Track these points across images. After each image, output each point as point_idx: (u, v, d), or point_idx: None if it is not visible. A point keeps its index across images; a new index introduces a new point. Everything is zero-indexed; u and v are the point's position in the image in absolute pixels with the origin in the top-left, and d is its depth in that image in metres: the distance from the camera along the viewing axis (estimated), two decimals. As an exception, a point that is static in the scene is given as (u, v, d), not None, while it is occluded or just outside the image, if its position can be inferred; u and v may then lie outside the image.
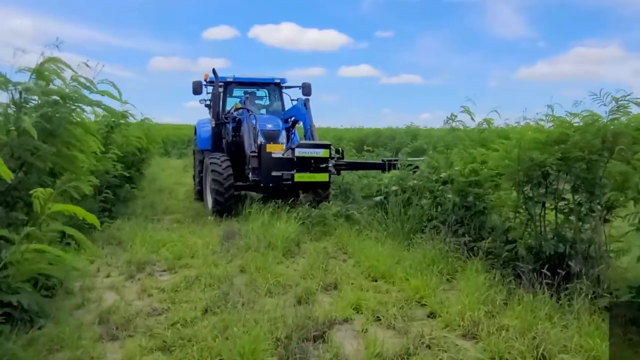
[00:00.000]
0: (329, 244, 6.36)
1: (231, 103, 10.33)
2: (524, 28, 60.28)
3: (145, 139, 9.48)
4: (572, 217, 4.46)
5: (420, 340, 3.45)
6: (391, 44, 62.40)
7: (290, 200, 7.83)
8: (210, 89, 10.16)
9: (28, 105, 3.04)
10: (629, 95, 3.94)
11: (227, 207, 7.97)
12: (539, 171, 4.54)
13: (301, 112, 9.06)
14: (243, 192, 9.69)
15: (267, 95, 11.01)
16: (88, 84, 3.95)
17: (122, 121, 8.06)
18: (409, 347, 3.32)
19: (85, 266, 5.03)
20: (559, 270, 4.09)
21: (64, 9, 60.96)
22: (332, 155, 7.88)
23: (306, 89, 10.43)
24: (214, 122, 9.60)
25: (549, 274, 3.94)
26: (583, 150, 4.12)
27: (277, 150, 7.76)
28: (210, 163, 8.21)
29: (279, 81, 10.68)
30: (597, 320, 3.56)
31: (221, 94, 10.07)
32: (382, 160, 8.68)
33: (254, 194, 9.75)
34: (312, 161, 7.57)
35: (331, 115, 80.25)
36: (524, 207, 4.74)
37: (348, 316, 3.96)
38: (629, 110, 4.00)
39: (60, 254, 2.46)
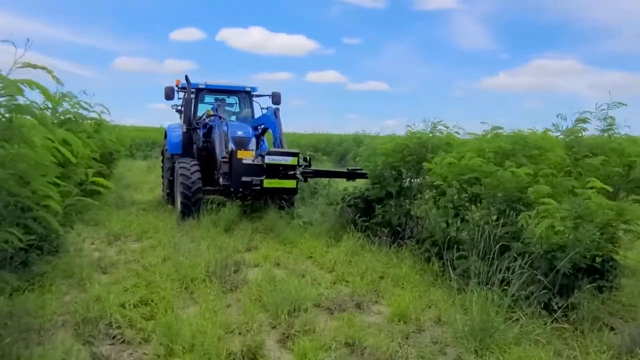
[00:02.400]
0: (260, 224, 8.42)
1: (202, 109, 10.61)
2: (486, 40, 63.29)
3: (116, 142, 11.27)
4: (414, 200, 6.69)
5: (298, 272, 5.58)
6: (358, 50, 64.40)
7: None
8: (182, 94, 10.67)
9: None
10: (441, 121, 6.21)
11: (195, 210, 8.42)
12: (393, 170, 6.75)
13: (271, 120, 9.40)
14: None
15: (238, 102, 11.34)
16: (86, 106, 6.02)
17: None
18: (290, 275, 5.44)
19: (74, 236, 6.96)
20: (399, 230, 6.33)
21: (24, 5, 60.63)
22: (300, 163, 8.18)
23: (276, 97, 10.75)
24: (185, 128, 10.13)
25: (386, 231, 6.18)
26: (414, 155, 6.35)
27: (247, 156, 8.16)
28: (180, 168, 8.65)
29: (249, 89, 11.05)
30: (408, 261, 5.77)
31: (192, 100, 10.45)
32: (347, 170, 9.05)
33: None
34: (281, 168, 7.89)
35: (297, 120, 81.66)
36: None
37: (259, 263, 6.07)
38: (442, 129, 6.27)
39: (90, 201, 4.50)
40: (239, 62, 59.54)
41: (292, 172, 7.95)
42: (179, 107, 10.94)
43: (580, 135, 5.37)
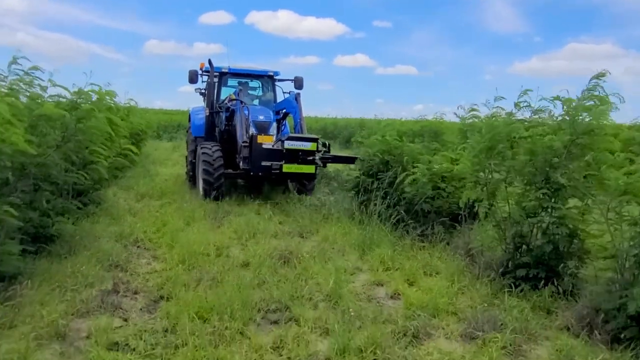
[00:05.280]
0: (255, 189, 10.62)
1: (226, 93, 10.83)
2: (519, 23, 62.20)
3: (144, 124, 13.64)
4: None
5: (269, 217, 7.79)
6: (388, 34, 64.04)
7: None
8: (205, 78, 10.67)
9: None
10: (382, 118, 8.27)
11: (217, 193, 8.77)
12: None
13: (292, 105, 9.58)
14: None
15: (261, 86, 11.53)
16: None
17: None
18: (262, 218, 7.65)
19: (111, 195, 9.33)
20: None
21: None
22: (319, 149, 8.29)
23: (298, 82, 10.87)
24: (208, 111, 10.23)
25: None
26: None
27: (267, 141, 8.34)
28: (202, 151, 8.90)
29: (272, 74, 11.17)
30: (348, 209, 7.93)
31: (216, 83, 10.57)
32: None
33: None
34: (300, 153, 8.04)
35: (325, 104, 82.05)
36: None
37: (244, 213, 8.30)
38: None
39: (122, 160, 6.82)
40: (268, 46, 60.70)
41: (311, 158, 8.16)
42: (203, 91, 11.08)
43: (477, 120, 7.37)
